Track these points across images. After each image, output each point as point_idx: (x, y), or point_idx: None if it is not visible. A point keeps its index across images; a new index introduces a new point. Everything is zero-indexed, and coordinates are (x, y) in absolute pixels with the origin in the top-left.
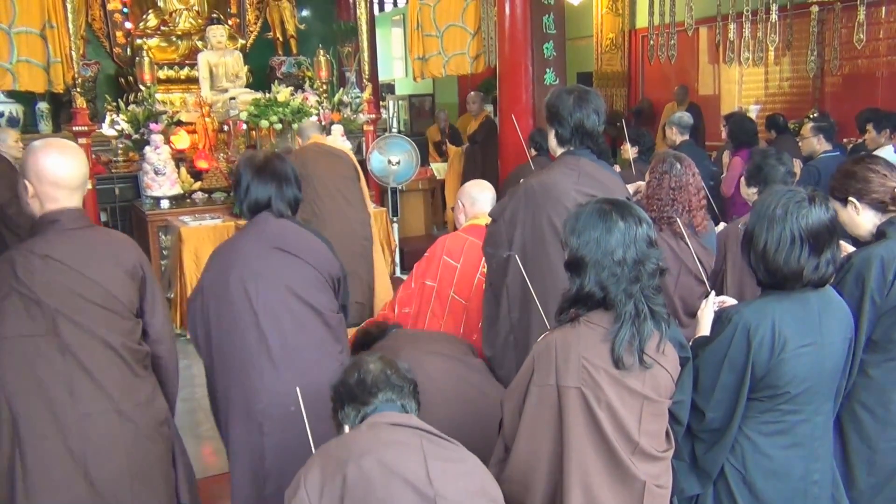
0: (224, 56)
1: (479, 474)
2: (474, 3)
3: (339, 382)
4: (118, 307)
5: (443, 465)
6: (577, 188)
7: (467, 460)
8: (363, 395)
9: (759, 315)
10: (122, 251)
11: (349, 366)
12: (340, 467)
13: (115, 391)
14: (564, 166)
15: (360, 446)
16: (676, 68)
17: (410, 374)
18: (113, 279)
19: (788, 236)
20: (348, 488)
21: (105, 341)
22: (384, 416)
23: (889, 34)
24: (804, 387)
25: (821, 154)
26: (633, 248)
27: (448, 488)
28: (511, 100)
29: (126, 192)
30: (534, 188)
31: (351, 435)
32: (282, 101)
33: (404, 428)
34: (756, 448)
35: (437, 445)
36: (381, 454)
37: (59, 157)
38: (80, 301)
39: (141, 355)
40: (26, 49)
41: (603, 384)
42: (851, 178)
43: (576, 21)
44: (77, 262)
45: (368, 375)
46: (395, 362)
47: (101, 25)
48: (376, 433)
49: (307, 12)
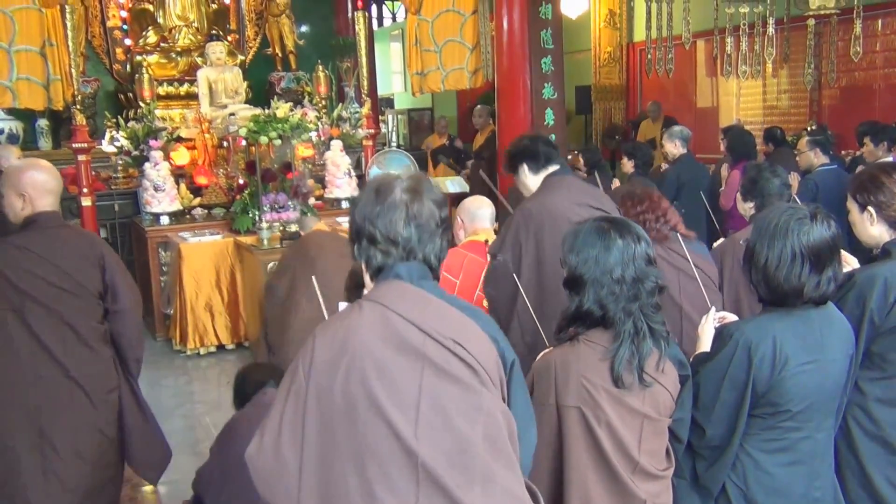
0: (223, 72)
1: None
2: (472, 19)
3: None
4: (82, 292)
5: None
6: (574, 201)
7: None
8: None
9: (760, 332)
10: (88, 245)
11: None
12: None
13: (67, 361)
14: (553, 186)
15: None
16: (674, 81)
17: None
18: (78, 268)
19: (790, 253)
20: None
21: (63, 320)
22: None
23: (886, 46)
24: (805, 404)
25: (818, 167)
26: (632, 266)
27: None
28: (510, 114)
29: (125, 208)
30: (531, 211)
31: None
32: (281, 117)
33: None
34: (757, 465)
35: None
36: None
37: (35, 172)
38: (45, 285)
39: (98, 333)
40: (26, 67)
41: (603, 403)
42: (877, 188)
43: (574, 35)
44: (48, 254)
45: None
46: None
47: (101, 42)
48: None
49: (306, 28)
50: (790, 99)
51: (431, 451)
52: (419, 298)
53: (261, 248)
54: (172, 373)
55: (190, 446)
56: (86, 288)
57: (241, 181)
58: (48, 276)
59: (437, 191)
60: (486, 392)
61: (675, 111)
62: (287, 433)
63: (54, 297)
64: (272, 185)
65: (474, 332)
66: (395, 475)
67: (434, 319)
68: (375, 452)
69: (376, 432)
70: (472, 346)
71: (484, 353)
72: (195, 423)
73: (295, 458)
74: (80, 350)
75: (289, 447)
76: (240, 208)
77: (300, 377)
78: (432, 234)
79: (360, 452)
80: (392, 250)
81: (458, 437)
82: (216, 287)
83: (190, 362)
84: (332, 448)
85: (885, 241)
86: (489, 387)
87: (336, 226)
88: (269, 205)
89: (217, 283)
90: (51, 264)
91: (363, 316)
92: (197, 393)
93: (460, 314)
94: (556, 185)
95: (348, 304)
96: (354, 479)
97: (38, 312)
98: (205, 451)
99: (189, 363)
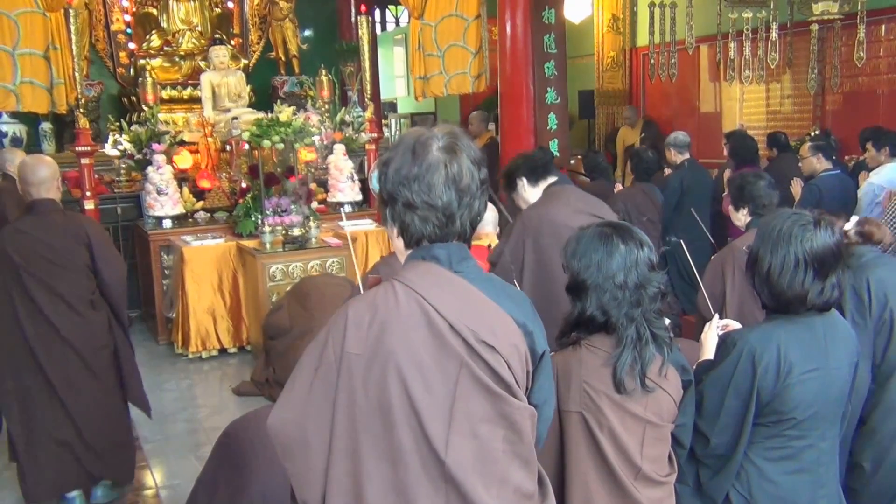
0: (226, 76)
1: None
2: (475, 24)
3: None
4: (72, 266)
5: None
6: (573, 209)
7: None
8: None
9: (764, 340)
10: (76, 227)
11: None
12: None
13: (59, 323)
14: (551, 195)
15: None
16: (678, 86)
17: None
18: (67, 247)
19: (793, 259)
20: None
21: (54, 291)
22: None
23: (889, 52)
24: (810, 412)
25: (821, 173)
26: (635, 271)
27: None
28: (512, 119)
29: (128, 211)
30: (530, 217)
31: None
32: (284, 121)
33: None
34: (762, 474)
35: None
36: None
37: (30, 166)
38: (41, 261)
39: (86, 300)
40: (30, 70)
41: (604, 408)
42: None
43: (577, 39)
44: (43, 235)
45: None
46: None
47: (105, 46)
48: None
49: (309, 32)
50: (794, 104)
51: (457, 457)
52: (457, 291)
53: (263, 251)
54: (174, 376)
55: (191, 450)
56: (75, 263)
57: (243, 185)
58: (44, 254)
59: (474, 147)
60: (513, 399)
61: (678, 116)
62: (313, 416)
63: (48, 271)
64: (275, 189)
65: (509, 329)
66: (424, 479)
67: (470, 317)
68: (406, 457)
69: (410, 437)
70: (505, 349)
71: (515, 357)
72: (197, 426)
73: (320, 443)
74: (70, 315)
75: (315, 432)
76: (242, 212)
77: (330, 360)
78: (472, 196)
79: (391, 454)
80: (431, 216)
81: (481, 443)
82: (218, 291)
83: (192, 366)
84: (363, 444)
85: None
86: (515, 391)
87: (338, 230)
88: (271, 209)
89: (219, 287)
90: (44, 244)
91: (400, 307)
92: (199, 397)
93: (497, 309)
94: (555, 195)
95: (379, 282)
96: (385, 479)
97: (34, 284)
98: (206, 454)
99: (191, 367)
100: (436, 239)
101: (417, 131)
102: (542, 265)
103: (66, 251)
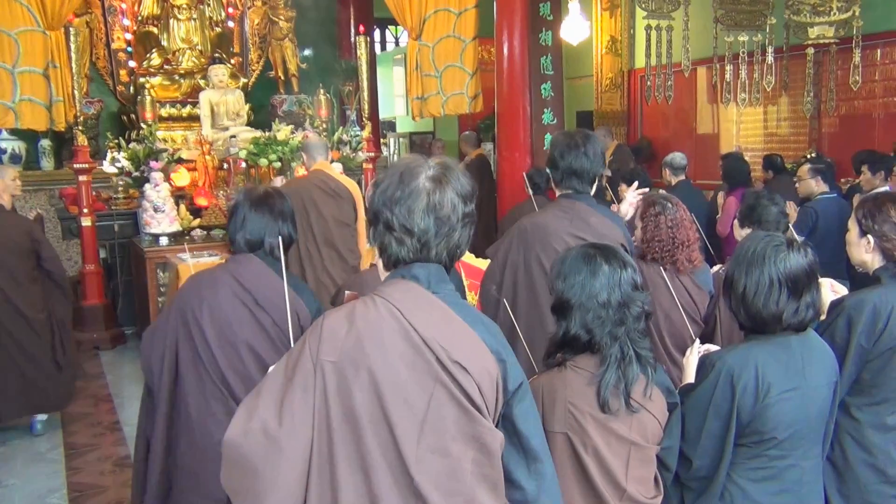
0: (225, 94)
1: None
2: (472, 45)
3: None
4: (22, 253)
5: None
6: (570, 231)
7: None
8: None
9: (741, 361)
10: (23, 226)
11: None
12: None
13: (10, 294)
14: (559, 209)
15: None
16: (675, 107)
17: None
18: (15, 240)
19: (767, 280)
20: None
21: (7, 268)
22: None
23: (885, 76)
24: (790, 432)
25: (818, 195)
26: (618, 290)
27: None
28: (509, 139)
29: (125, 228)
30: (526, 228)
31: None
32: (282, 140)
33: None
34: (745, 495)
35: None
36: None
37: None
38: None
39: (30, 276)
40: (29, 88)
41: (589, 429)
42: (883, 220)
43: (577, 61)
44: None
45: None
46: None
47: (105, 64)
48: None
49: (309, 52)
50: (790, 126)
51: (426, 474)
52: (434, 310)
53: None
54: None
55: None
56: (23, 249)
57: None
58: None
59: (466, 181)
60: (483, 420)
61: (675, 137)
62: (289, 422)
63: (2, 257)
64: None
65: (482, 354)
66: (392, 493)
67: (445, 337)
68: (378, 467)
69: (383, 448)
70: (476, 371)
71: (486, 380)
72: None
73: (297, 449)
74: (17, 288)
75: (289, 438)
76: None
77: (308, 367)
78: (451, 228)
79: (364, 464)
80: (407, 240)
81: (450, 461)
82: None
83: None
84: (338, 452)
85: (874, 266)
86: (485, 414)
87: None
88: None
89: None
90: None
91: (379, 320)
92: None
93: (472, 333)
94: (558, 206)
95: (358, 298)
96: (357, 489)
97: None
98: None
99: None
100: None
101: (412, 158)
102: (527, 278)
103: (14, 243)
